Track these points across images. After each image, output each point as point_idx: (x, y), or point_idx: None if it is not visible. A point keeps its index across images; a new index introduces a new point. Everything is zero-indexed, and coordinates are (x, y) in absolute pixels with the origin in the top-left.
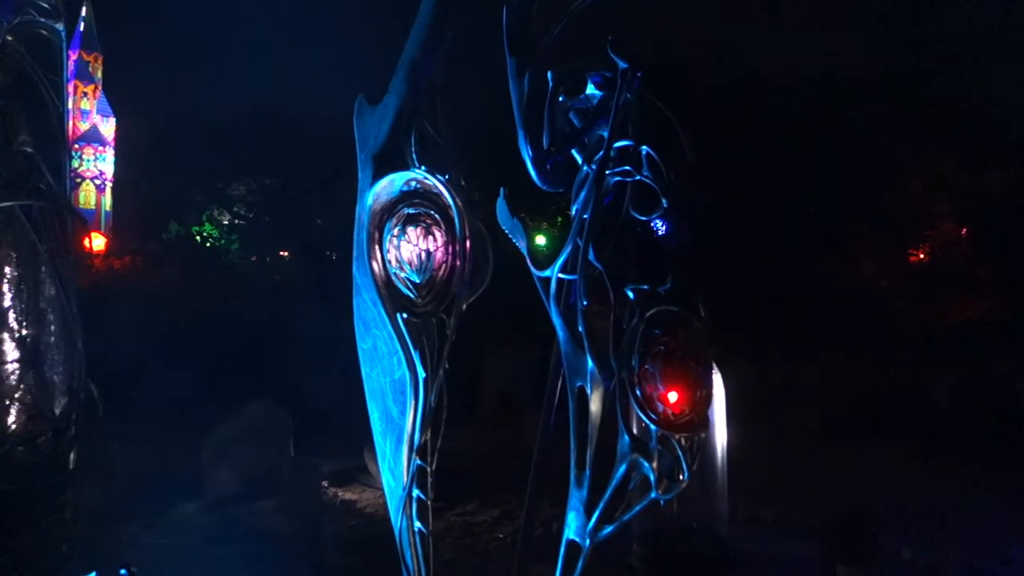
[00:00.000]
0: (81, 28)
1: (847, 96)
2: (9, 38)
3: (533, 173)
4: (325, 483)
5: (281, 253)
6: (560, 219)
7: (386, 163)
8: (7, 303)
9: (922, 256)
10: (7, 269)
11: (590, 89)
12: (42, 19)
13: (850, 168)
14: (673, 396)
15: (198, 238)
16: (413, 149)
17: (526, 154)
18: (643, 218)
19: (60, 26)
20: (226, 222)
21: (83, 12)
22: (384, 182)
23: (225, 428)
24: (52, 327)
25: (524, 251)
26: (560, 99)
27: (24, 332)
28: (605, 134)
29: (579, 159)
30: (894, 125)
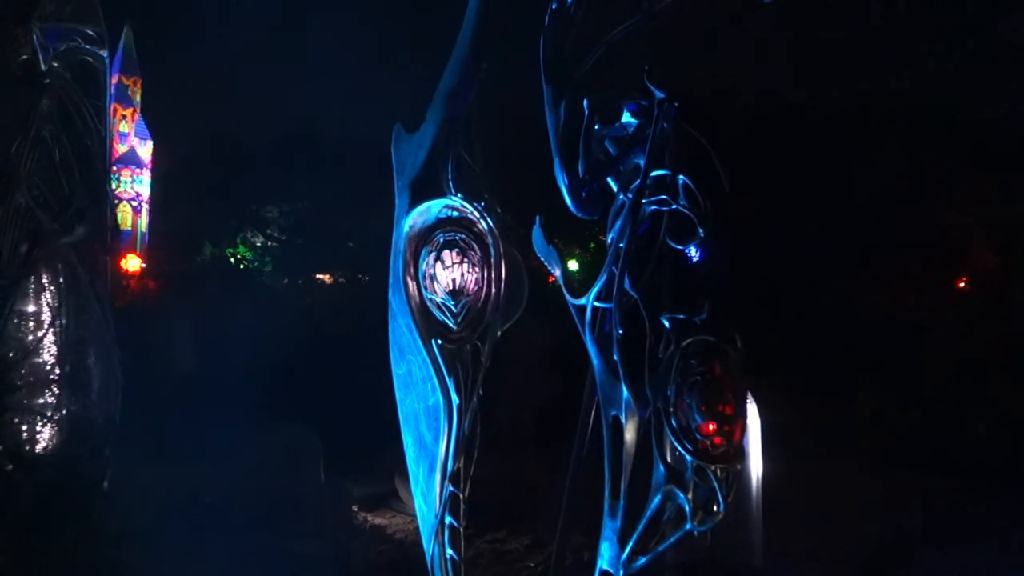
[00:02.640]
0: (121, 52)
1: (882, 119)
2: (55, 64)
3: (568, 200)
4: (355, 507)
5: (319, 276)
6: (592, 245)
7: (422, 190)
8: (48, 328)
9: (961, 284)
10: (49, 293)
11: (626, 117)
12: (87, 46)
13: (886, 193)
14: (709, 427)
15: (232, 260)
16: (449, 176)
17: (562, 181)
18: (679, 247)
19: (104, 52)
20: (259, 243)
21: (123, 37)
22: (420, 209)
23: (255, 451)
24: (91, 351)
25: (559, 278)
26: (596, 127)
27: (65, 356)
28: (641, 162)
29: (615, 187)
30: (930, 148)
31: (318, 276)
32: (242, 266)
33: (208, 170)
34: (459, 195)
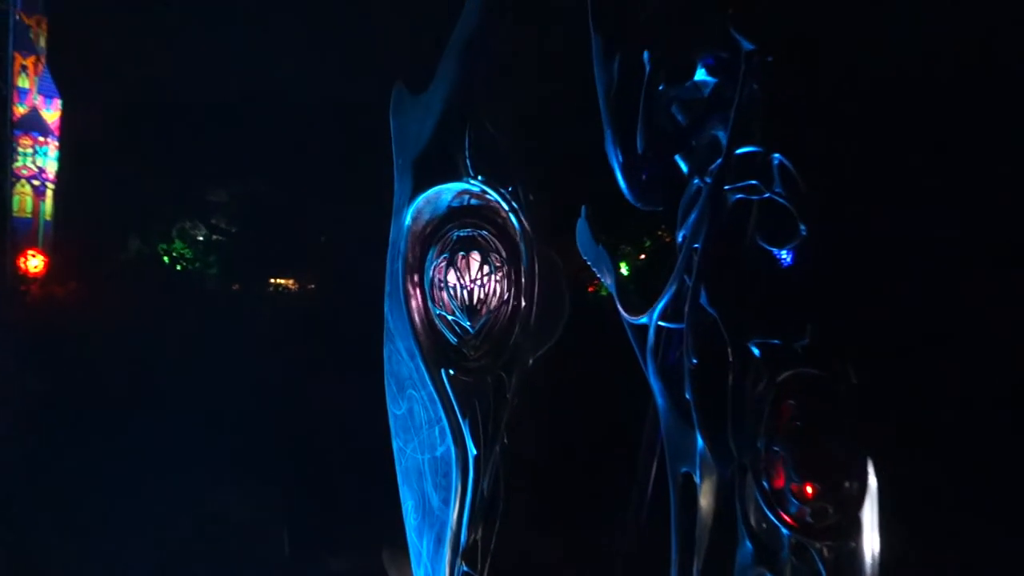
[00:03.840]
0: None
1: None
2: None
3: (624, 185)
4: None
5: (282, 281)
6: (648, 243)
7: (431, 171)
8: None
9: None
10: None
11: (701, 75)
12: None
13: None
14: (812, 490)
15: (166, 259)
16: (467, 153)
17: (614, 160)
18: (773, 249)
19: None
20: (202, 237)
21: None
22: (428, 195)
23: (199, 517)
24: None
25: (612, 288)
26: (660, 88)
27: None
28: (722, 136)
29: (685, 168)
30: None
31: (281, 281)
32: (179, 267)
33: (134, 140)
34: (480, 178)
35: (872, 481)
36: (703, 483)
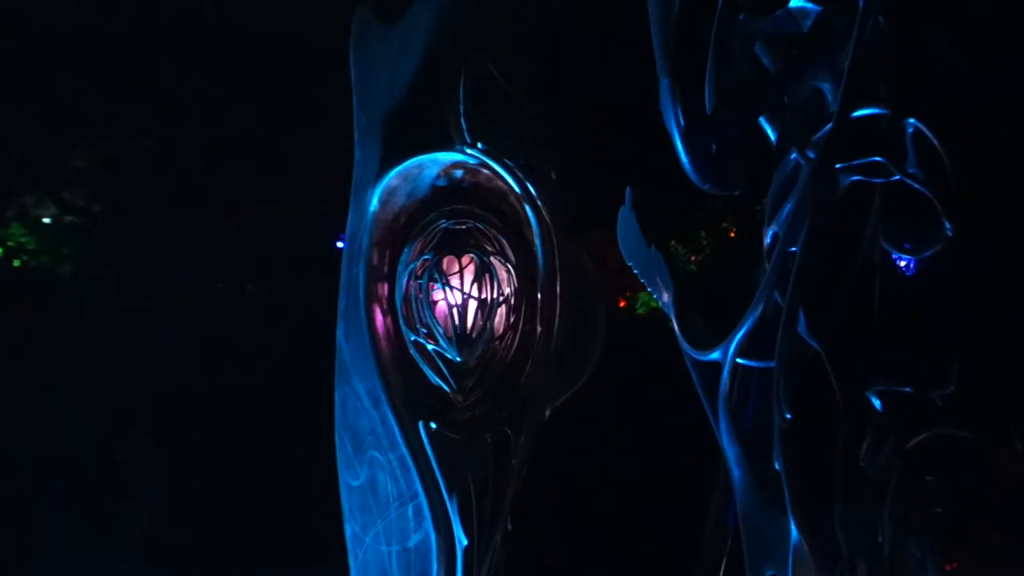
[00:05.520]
0: None
1: None
2: None
3: (685, 160)
4: None
5: (162, 284)
6: (704, 240)
7: (409, 134)
8: None
9: None
10: None
11: (797, 1)
12: None
13: None
14: None
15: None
16: (462, 111)
17: (672, 122)
18: (905, 256)
19: None
20: (50, 220)
21: None
22: (405, 169)
23: None
24: None
25: (668, 309)
26: (739, 17)
27: None
28: (829, 91)
29: (774, 136)
30: None
31: (167, 286)
32: (16, 263)
33: None
34: (480, 146)
35: None
36: None
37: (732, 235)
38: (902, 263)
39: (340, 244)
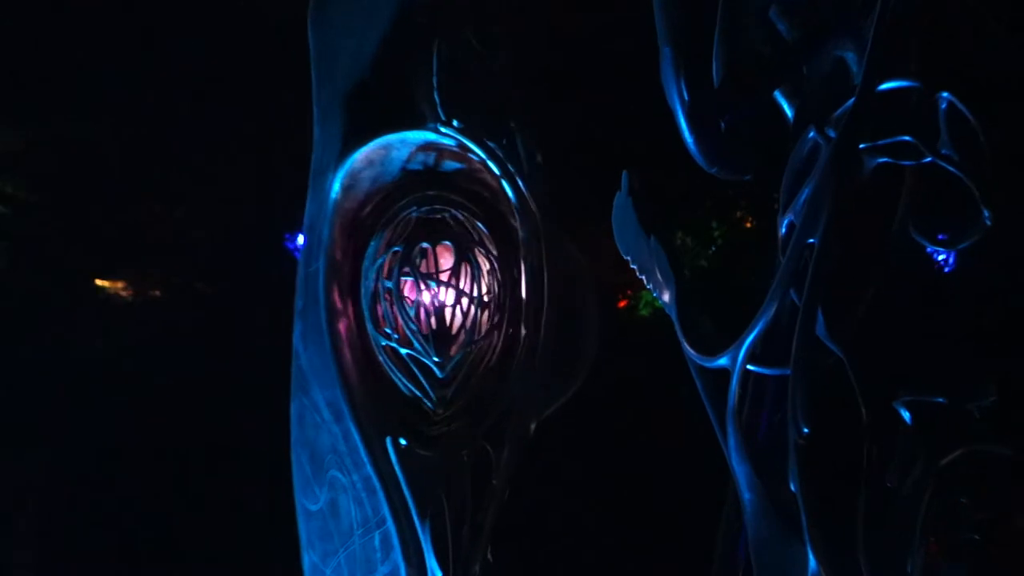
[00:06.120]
0: None
1: None
2: None
3: (689, 139)
4: None
5: (106, 283)
6: (729, 235)
7: (375, 110)
8: None
9: None
10: None
11: None
12: None
13: None
14: None
15: None
16: (435, 83)
17: (675, 97)
18: (938, 248)
19: None
20: None
21: None
22: (369, 152)
23: None
24: None
25: (669, 309)
26: None
27: None
28: (853, 60)
29: (790, 112)
30: None
31: (112, 284)
32: None
33: None
34: (456, 123)
35: None
36: None
37: (748, 225)
38: (938, 257)
39: (292, 238)
